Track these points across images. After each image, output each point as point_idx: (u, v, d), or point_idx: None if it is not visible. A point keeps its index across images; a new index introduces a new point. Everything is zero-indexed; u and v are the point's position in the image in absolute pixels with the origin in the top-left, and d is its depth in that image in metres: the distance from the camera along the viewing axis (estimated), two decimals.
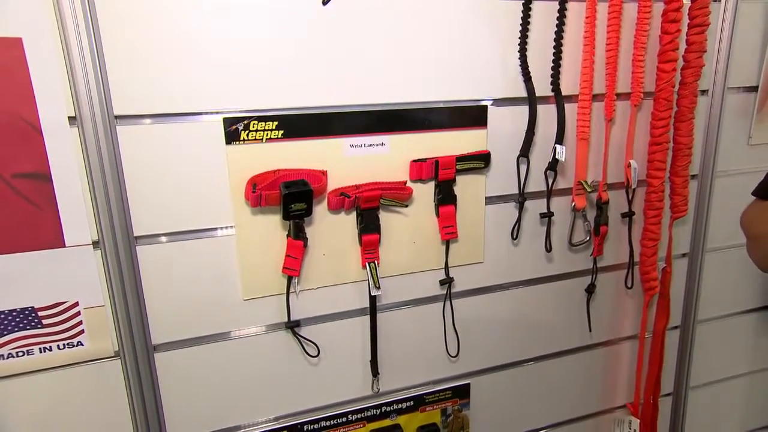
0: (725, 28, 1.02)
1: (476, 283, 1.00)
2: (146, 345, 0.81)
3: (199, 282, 0.82)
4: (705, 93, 1.05)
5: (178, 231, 0.80)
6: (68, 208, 0.73)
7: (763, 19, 1.07)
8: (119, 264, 0.77)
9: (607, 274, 1.10)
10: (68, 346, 0.78)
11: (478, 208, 0.95)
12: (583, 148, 0.96)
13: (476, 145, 0.91)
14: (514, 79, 0.91)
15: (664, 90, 0.97)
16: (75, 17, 0.67)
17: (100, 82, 0.70)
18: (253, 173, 0.80)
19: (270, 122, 0.79)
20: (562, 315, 1.09)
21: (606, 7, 0.91)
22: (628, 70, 0.97)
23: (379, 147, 0.86)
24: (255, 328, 0.87)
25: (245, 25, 0.75)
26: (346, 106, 0.83)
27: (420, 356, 0.99)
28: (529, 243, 1.01)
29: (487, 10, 0.86)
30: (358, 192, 0.84)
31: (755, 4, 1.05)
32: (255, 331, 0.87)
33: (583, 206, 0.99)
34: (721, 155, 1.09)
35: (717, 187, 1.11)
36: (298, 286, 0.87)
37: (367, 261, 0.88)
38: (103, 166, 0.73)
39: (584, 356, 1.14)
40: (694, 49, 0.96)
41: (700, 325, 1.22)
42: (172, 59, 0.73)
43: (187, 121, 0.76)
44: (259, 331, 0.87)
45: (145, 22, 0.71)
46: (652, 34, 0.95)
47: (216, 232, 0.81)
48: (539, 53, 0.91)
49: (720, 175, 1.11)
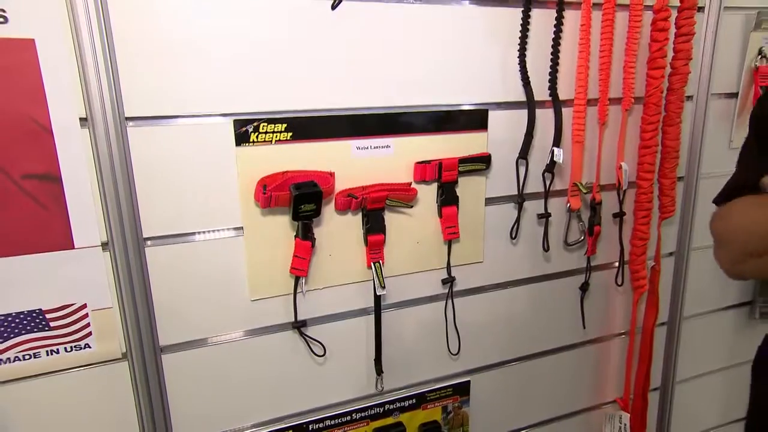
0: (708, 38, 1.08)
1: (476, 283, 1.02)
2: (154, 346, 0.81)
3: (208, 283, 0.83)
4: (690, 99, 1.10)
5: (187, 232, 0.80)
6: (77, 209, 0.73)
7: (743, 29, 1.12)
8: (128, 265, 0.76)
9: (600, 272, 1.14)
10: (76, 348, 0.78)
11: (478, 209, 0.97)
12: (578, 150, 0.99)
13: (477, 147, 0.94)
14: (514, 83, 0.94)
15: (653, 95, 1.02)
16: (88, 19, 0.67)
17: (111, 83, 0.70)
18: (262, 175, 0.81)
19: (279, 124, 0.80)
20: (557, 313, 1.12)
21: (600, 15, 0.95)
22: (620, 76, 1.01)
23: (384, 149, 0.88)
24: (262, 328, 0.88)
25: (255, 29, 0.76)
26: (353, 109, 0.85)
27: (422, 354, 1.01)
28: (526, 243, 1.04)
29: (489, 18, 0.89)
30: (365, 193, 0.86)
31: (736, 15, 1.10)
32: (262, 332, 0.88)
33: (578, 207, 1.03)
34: (705, 158, 1.14)
35: (702, 188, 1.16)
36: (305, 286, 0.88)
37: (372, 261, 0.90)
38: (114, 167, 0.73)
39: (577, 353, 1.18)
40: (681, 57, 1.01)
41: (686, 322, 1.27)
42: (184, 61, 0.74)
43: (198, 123, 0.77)
44: (267, 331, 0.88)
45: (157, 25, 0.72)
46: (642, 42, 0.99)
47: (224, 233, 0.82)
48: (537, 59, 0.94)
49: (704, 177, 1.16)
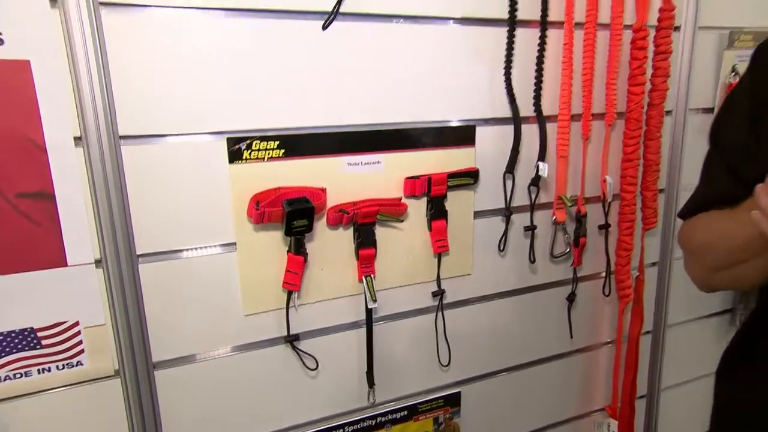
0: (685, 56, 1.12)
1: (465, 294, 1.04)
2: (147, 363, 0.81)
3: (201, 299, 0.83)
4: (669, 114, 1.14)
5: (181, 248, 0.81)
6: (71, 227, 0.74)
7: (717, 48, 1.17)
8: (122, 282, 0.77)
9: (586, 283, 1.16)
10: (68, 366, 0.78)
11: (467, 222, 1.00)
12: (563, 165, 1.02)
13: (466, 162, 0.96)
14: (500, 100, 0.97)
15: (634, 111, 1.05)
16: (84, 39, 0.68)
17: (106, 102, 0.71)
18: (254, 191, 0.82)
19: (272, 141, 0.82)
20: (545, 323, 1.14)
21: (582, 35, 0.98)
22: (602, 92, 1.04)
23: (375, 165, 0.90)
24: (255, 342, 0.88)
25: (248, 49, 0.78)
26: (344, 126, 0.86)
27: (413, 366, 1.03)
28: (514, 255, 1.06)
29: (475, 37, 0.92)
30: (356, 208, 0.87)
31: (710, 34, 1.15)
32: (255, 346, 0.88)
33: (563, 219, 1.06)
34: (684, 171, 1.18)
35: (682, 200, 1.19)
36: (297, 301, 0.89)
37: (363, 275, 0.91)
38: (108, 185, 0.73)
39: (566, 362, 1.20)
40: (659, 74, 1.05)
41: (670, 330, 1.30)
42: (177, 81, 0.75)
43: (191, 141, 0.78)
44: (259, 345, 0.89)
45: (151, 45, 0.73)
46: (623, 60, 1.03)
47: (218, 249, 0.83)
48: (523, 77, 0.97)
49: (684, 189, 1.20)
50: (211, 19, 0.76)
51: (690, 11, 1.09)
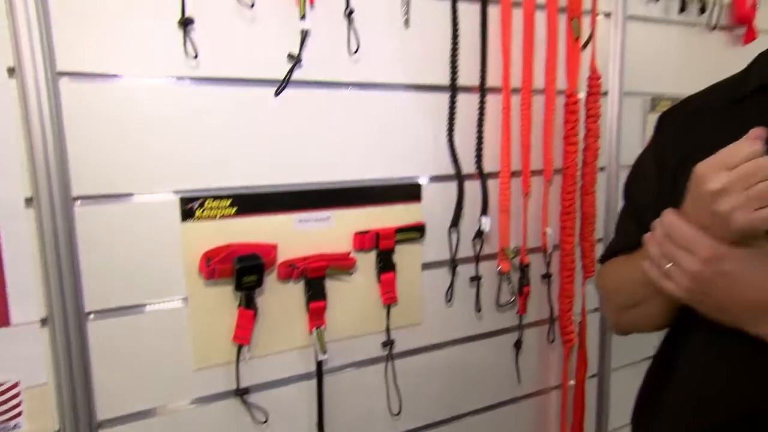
0: (614, 118, 1.22)
1: (415, 344, 1.07)
2: (90, 423, 0.80)
3: (151, 354, 0.84)
4: (603, 170, 1.23)
5: (131, 305, 0.82)
6: (17, 287, 0.74)
7: (642, 111, 1.29)
8: (68, 341, 0.77)
9: (532, 329, 1.22)
10: (3, 430, 0.76)
11: (415, 274, 1.04)
12: (505, 218, 1.09)
13: (412, 217, 1.02)
14: (444, 159, 1.04)
15: (570, 168, 1.14)
16: (40, 106, 0.71)
17: (59, 164, 0.74)
18: (206, 248, 0.84)
19: (224, 200, 0.85)
20: (494, 370, 1.18)
21: (519, 99, 1.07)
22: (540, 150, 1.13)
23: (325, 221, 0.94)
24: (205, 397, 0.89)
25: (202, 112, 0.82)
26: (295, 185, 0.91)
27: (364, 417, 1.04)
28: (461, 304, 1.11)
29: (420, 102, 1.00)
30: (307, 263, 0.91)
31: (635, 99, 1.27)
32: (205, 401, 0.89)
33: (507, 270, 1.12)
34: None
35: None
36: (248, 354, 0.90)
37: (314, 326, 0.94)
38: (58, 245, 0.75)
39: (515, 407, 1.23)
40: (591, 135, 1.15)
41: (615, 373, 1.35)
42: (131, 141, 0.78)
43: (144, 201, 0.81)
44: (210, 400, 0.89)
45: (106, 106, 0.77)
46: (557, 121, 1.12)
47: (169, 305, 0.84)
48: (465, 137, 1.05)
49: None
50: (169, 85, 0.80)
51: (615, 79, 1.20)
